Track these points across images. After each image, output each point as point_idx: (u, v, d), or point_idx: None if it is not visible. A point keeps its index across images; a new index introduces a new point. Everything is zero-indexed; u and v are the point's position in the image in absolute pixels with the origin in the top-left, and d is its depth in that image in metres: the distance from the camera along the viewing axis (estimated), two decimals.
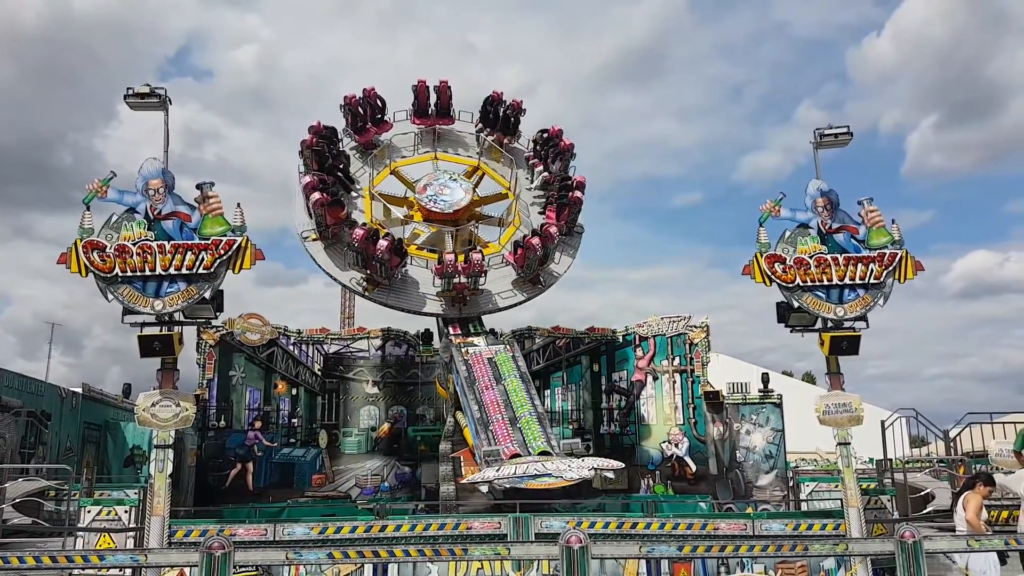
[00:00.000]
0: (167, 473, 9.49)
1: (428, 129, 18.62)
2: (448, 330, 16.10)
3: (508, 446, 13.27)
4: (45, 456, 17.56)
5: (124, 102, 10.76)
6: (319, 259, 15.94)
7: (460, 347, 15.44)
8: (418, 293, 16.19)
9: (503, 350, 15.31)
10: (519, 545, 9.10)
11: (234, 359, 18.22)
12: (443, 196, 17.06)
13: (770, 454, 17.97)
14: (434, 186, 17.26)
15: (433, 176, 17.63)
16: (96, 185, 9.73)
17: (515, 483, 12.36)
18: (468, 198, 17.20)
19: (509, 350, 15.37)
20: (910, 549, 7.01)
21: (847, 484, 10.24)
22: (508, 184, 18.11)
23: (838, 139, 11.53)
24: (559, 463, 12.47)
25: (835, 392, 10.67)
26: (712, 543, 8.59)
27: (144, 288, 9.67)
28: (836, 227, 10.92)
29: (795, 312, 10.76)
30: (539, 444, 13.19)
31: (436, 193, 17.10)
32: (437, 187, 17.24)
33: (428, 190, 17.15)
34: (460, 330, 15.96)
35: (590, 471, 12.47)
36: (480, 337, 15.74)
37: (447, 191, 17.18)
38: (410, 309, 16.16)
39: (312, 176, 15.52)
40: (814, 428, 11.61)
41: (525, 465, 12.46)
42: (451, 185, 17.34)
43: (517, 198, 17.78)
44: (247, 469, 17.80)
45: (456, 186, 17.36)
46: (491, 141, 18.63)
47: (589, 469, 12.48)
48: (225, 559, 6.60)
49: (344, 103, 17.84)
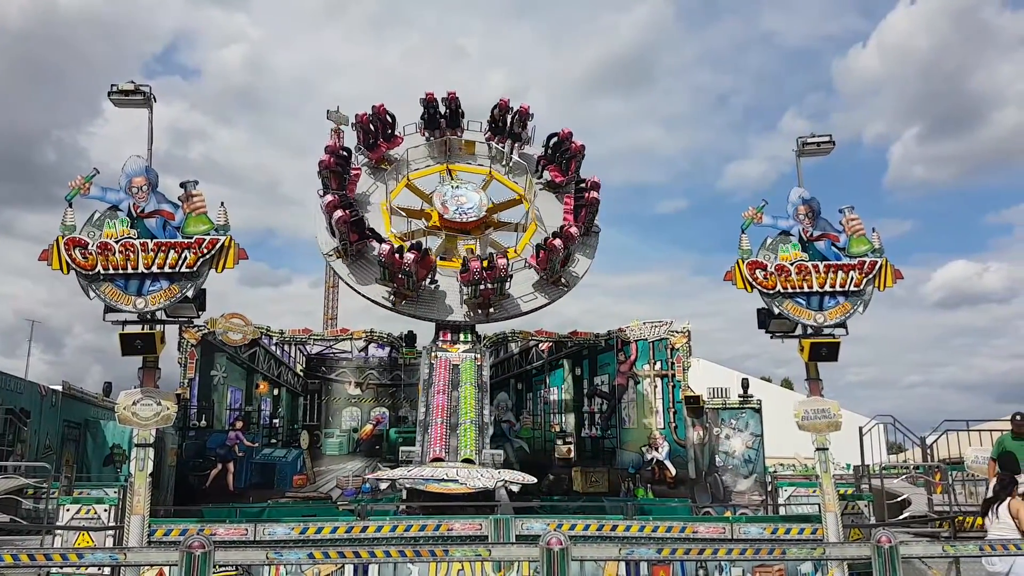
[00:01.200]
0: (147, 472, 9.45)
1: (439, 140, 18.68)
2: (438, 336, 16.18)
3: (435, 449, 13.87)
4: (24, 454, 17.43)
5: (108, 99, 10.70)
6: (344, 276, 16.11)
7: (431, 350, 15.76)
8: (444, 303, 16.27)
9: (470, 358, 15.57)
10: (500, 547, 9.13)
11: (216, 359, 18.18)
12: (461, 205, 17.26)
13: (749, 459, 18.08)
14: (451, 196, 17.45)
15: (450, 186, 17.84)
16: (79, 182, 9.68)
17: (418, 484, 12.95)
18: (485, 206, 17.43)
19: (478, 360, 15.64)
20: (887, 554, 7.10)
21: (825, 489, 10.34)
22: (522, 190, 18.28)
23: (820, 147, 11.62)
24: (471, 471, 13.07)
25: (814, 398, 10.76)
26: (691, 546, 8.64)
27: (126, 286, 9.62)
28: (817, 235, 11.03)
29: (775, 318, 10.85)
30: (466, 452, 13.83)
31: (454, 203, 17.29)
32: (454, 196, 17.43)
33: (445, 199, 17.34)
34: (450, 337, 16.07)
35: (496, 483, 12.96)
36: (464, 345, 15.87)
37: (464, 200, 17.38)
38: (438, 319, 16.19)
39: (334, 195, 15.64)
40: (793, 433, 11.72)
41: (437, 469, 13.14)
42: (468, 194, 17.53)
43: (532, 204, 17.87)
44: (228, 469, 17.75)
45: (472, 195, 17.56)
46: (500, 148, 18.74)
47: (496, 481, 12.97)
48: (205, 558, 6.60)
49: (356, 121, 18.05)
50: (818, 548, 8.83)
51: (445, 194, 17.46)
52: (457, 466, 13.50)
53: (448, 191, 17.52)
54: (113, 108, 10.99)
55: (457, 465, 13.54)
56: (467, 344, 15.97)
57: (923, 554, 8.53)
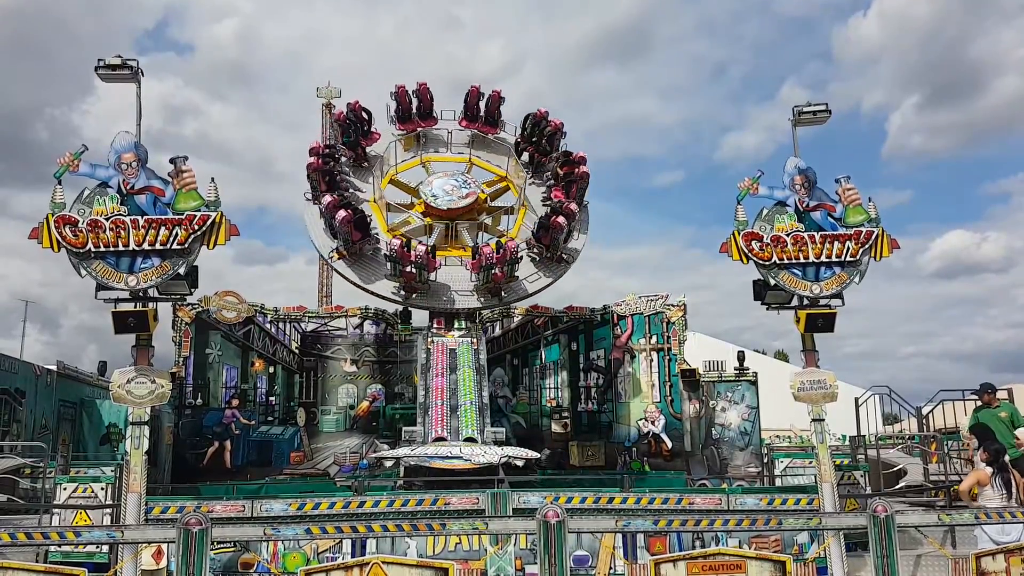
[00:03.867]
0: (143, 450, 9.42)
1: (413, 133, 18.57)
2: (432, 324, 16.22)
3: (437, 430, 14.02)
4: (20, 434, 17.42)
5: (96, 74, 10.57)
6: (349, 276, 16.06)
7: (427, 336, 15.87)
8: (452, 291, 16.27)
9: (467, 342, 15.67)
10: (497, 520, 9.14)
11: (210, 337, 18.12)
12: (449, 194, 17.15)
13: (745, 431, 18.16)
14: (437, 185, 17.34)
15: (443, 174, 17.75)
16: (67, 158, 9.57)
17: (423, 461, 13.10)
18: (475, 194, 17.29)
19: (474, 344, 15.74)
20: (883, 523, 7.12)
21: (821, 460, 10.35)
22: (504, 172, 18.21)
23: (816, 117, 11.53)
24: (474, 449, 13.26)
25: (810, 369, 10.75)
26: (687, 517, 8.66)
27: (118, 264, 9.54)
28: (813, 205, 10.96)
29: (771, 290, 10.81)
30: (469, 431, 13.98)
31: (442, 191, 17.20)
32: (441, 185, 17.33)
33: (433, 188, 17.24)
34: (444, 324, 16.12)
35: (500, 458, 13.08)
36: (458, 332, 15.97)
37: (451, 188, 17.28)
38: (449, 308, 16.17)
39: (333, 195, 15.59)
40: (789, 405, 11.74)
41: (440, 448, 13.31)
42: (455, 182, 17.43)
43: (519, 188, 17.81)
44: (224, 447, 17.75)
45: (460, 183, 17.46)
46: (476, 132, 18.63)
47: (500, 457, 13.11)
48: (202, 535, 6.59)
49: (334, 119, 18.09)
50: (814, 518, 8.86)
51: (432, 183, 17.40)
52: (460, 444, 13.65)
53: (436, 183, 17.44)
54: (105, 85, 10.87)
55: (460, 443, 13.68)
56: (462, 331, 16.05)
57: (919, 523, 8.56)
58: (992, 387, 12.38)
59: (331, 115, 17.89)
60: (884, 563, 7.05)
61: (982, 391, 12.41)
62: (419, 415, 14.88)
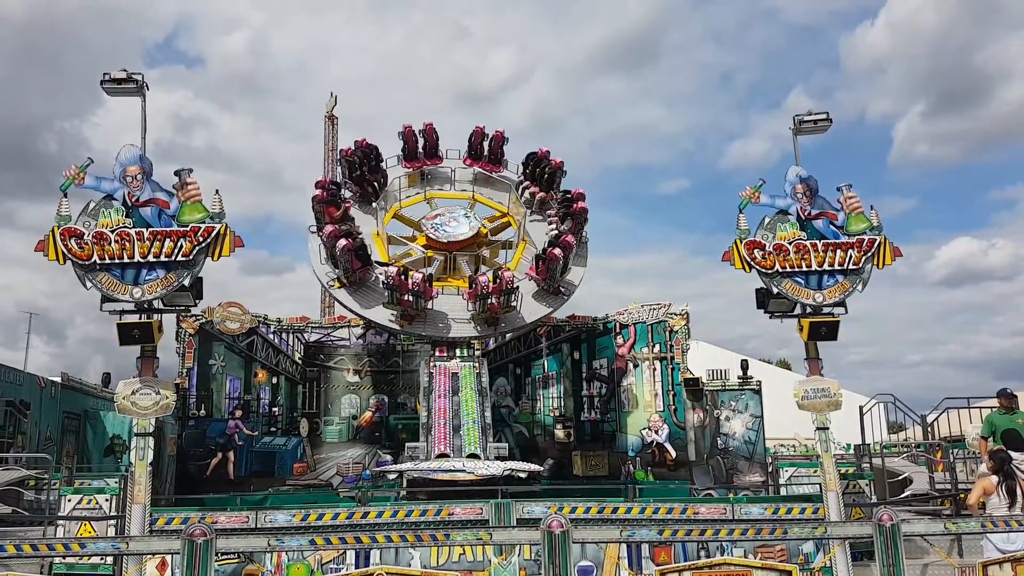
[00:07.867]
0: (147, 461, 9.44)
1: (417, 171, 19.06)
2: (435, 352, 16.28)
3: (440, 448, 14.22)
4: (24, 446, 17.47)
5: (101, 87, 10.62)
6: (348, 304, 16.21)
7: (429, 360, 16.07)
8: (449, 319, 16.40)
9: (469, 366, 15.89)
10: (501, 530, 9.13)
11: (214, 348, 18.14)
12: (447, 227, 17.70)
13: (749, 440, 18.10)
14: (443, 217, 17.89)
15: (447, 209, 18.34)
16: (73, 171, 9.62)
17: (426, 474, 13.32)
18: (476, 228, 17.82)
19: (476, 367, 15.95)
20: (888, 532, 7.09)
21: (826, 468, 10.34)
22: (506, 208, 18.68)
23: (817, 125, 11.54)
24: (477, 463, 13.52)
25: (814, 377, 10.74)
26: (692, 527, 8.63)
27: (123, 275, 9.59)
28: (815, 213, 10.99)
29: (774, 298, 10.82)
30: (471, 448, 14.19)
31: (443, 224, 17.74)
32: (446, 218, 17.90)
33: (436, 220, 17.81)
34: (446, 352, 16.23)
35: (504, 471, 13.28)
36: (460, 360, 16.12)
37: (454, 223, 17.83)
38: (447, 337, 16.28)
39: (335, 226, 15.73)
40: (793, 414, 11.72)
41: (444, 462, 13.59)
42: (459, 218, 17.99)
43: (519, 223, 18.24)
44: (228, 458, 17.76)
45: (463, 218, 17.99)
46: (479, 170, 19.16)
47: (504, 470, 13.31)
48: (207, 546, 6.58)
49: (340, 156, 18.35)
50: (820, 527, 8.82)
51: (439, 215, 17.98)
52: (463, 459, 13.78)
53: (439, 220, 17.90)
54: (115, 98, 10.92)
55: (463, 459, 13.80)
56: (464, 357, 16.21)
57: (925, 532, 8.53)
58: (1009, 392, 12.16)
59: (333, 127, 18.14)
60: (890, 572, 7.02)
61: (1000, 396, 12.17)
62: (422, 434, 15.00)
